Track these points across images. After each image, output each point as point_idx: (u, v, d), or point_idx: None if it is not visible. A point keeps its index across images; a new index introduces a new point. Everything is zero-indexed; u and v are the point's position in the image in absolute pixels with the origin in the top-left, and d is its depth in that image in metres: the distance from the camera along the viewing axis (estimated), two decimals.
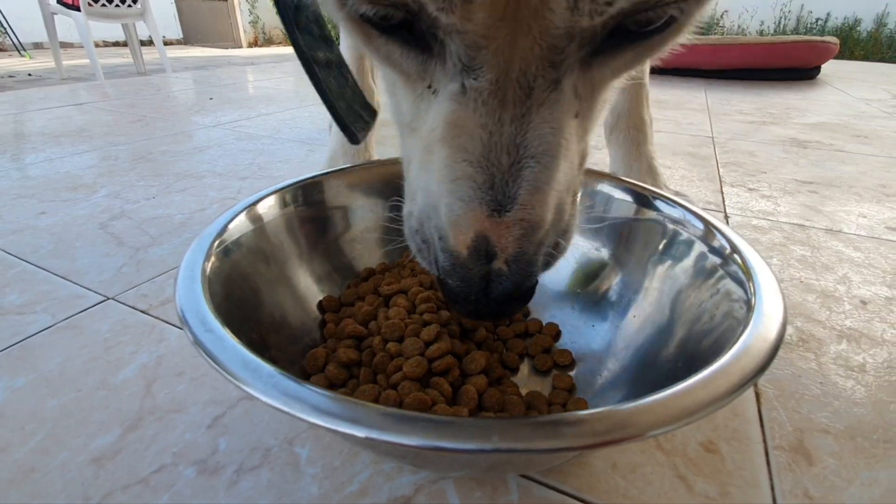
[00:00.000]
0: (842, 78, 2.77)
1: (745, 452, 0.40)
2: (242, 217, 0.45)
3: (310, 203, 0.51)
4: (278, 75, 2.69)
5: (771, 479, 0.38)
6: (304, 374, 0.41)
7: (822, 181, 1.06)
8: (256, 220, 0.46)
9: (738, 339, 0.26)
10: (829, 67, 2.90)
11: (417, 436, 0.20)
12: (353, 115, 0.44)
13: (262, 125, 1.47)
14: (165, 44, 3.17)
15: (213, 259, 0.38)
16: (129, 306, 0.57)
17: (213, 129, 1.41)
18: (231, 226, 0.43)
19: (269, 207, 0.48)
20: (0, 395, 0.44)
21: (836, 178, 1.08)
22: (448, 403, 0.36)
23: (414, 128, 0.28)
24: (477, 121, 0.24)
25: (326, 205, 0.53)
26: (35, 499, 0.35)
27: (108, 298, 0.58)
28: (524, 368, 0.45)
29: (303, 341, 0.46)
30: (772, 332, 0.26)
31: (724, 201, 0.93)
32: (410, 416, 0.20)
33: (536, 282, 0.28)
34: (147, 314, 0.56)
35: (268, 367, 0.24)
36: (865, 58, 4.08)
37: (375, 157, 0.80)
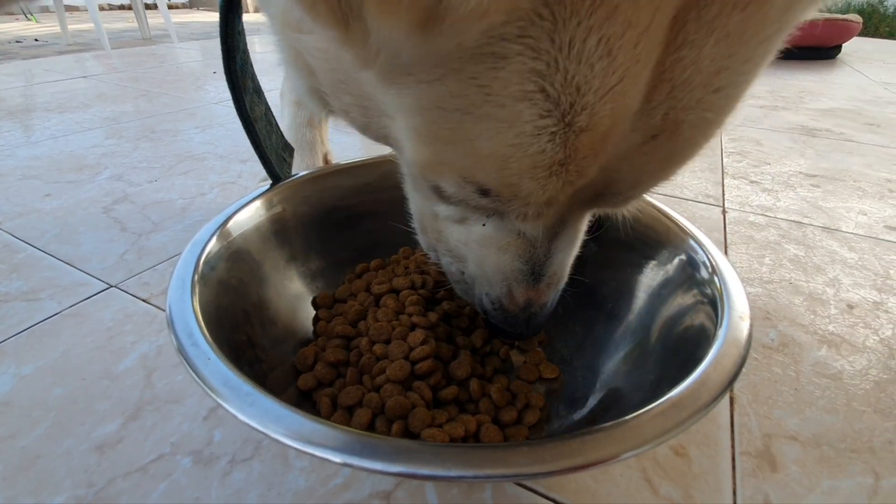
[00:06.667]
0: (862, 58, 2.68)
1: (712, 457, 0.42)
2: (235, 218, 0.46)
3: (300, 202, 0.52)
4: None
5: (734, 484, 0.40)
6: (294, 371, 0.43)
7: (826, 174, 1.05)
8: (247, 221, 0.47)
9: (698, 366, 0.27)
10: (851, 46, 2.80)
11: (383, 461, 0.21)
12: (278, 158, 0.53)
13: None
14: (170, 7, 3.11)
15: (204, 265, 0.39)
16: (131, 295, 0.59)
17: (216, 107, 1.41)
18: (224, 228, 0.44)
19: (257, 208, 0.49)
20: (9, 383, 0.47)
21: (841, 171, 1.07)
22: (428, 407, 0.38)
23: (455, 221, 0.37)
24: (527, 244, 0.34)
25: (317, 204, 0.54)
26: (41, 484, 0.38)
27: (111, 286, 0.61)
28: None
29: (296, 337, 0.48)
30: (730, 361, 0.28)
31: (723, 194, 0.93)
32: (377, 443, 0.22)
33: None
34: (148, 303, 0.58)
35: (246, 386, 0.25)
36: (890, 34, 3.92)
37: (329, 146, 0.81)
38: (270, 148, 0.52)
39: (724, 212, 0.86)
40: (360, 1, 0.18)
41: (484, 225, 0.34)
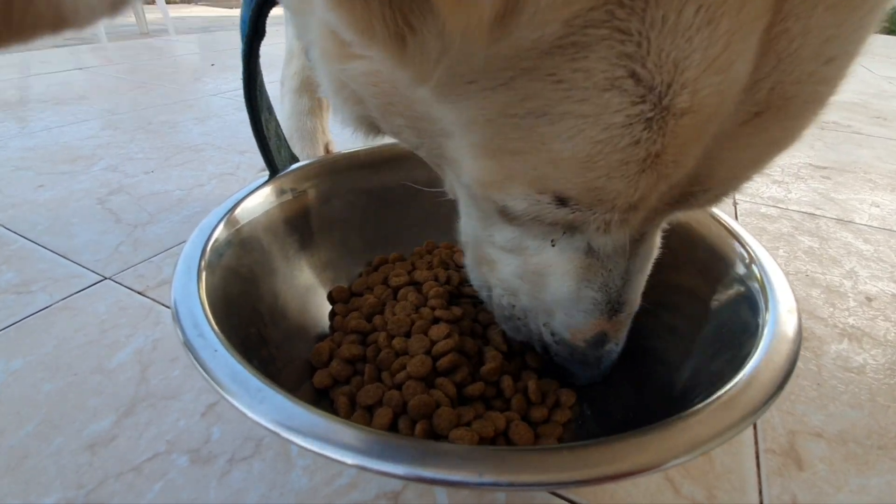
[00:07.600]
0: (864, 52, 2.66)
1: (735, 455, 0.40)
2: (244, 205, 0.44)
3: (310, 190, 0.50)
4: (280, 39, 2.62)
5: (759, 483, 0.38)
6: (309, 367, 0.41)
7: (836, 166, 1.03)
8: (257, 208, 0.45)
9: (744, 366, 0.25)
10: None
11: (403, 464, 0.19)
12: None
13: None
14: (169, 2, 3.08)
15: (211, 252, 0.37)
16: (126, 287, 0.57)
17: (214, 98, 1.38)
18: (232, 216, 0.42)
19: (266, 195, 0.46)
20: None
21: (851, 163, 1.05)
22: (453, 405, 0.36)
23: (511, 251, 0.34)
24: (599, 265, 0.31)
25: (327, 192, 0.51)
26: (29, 486, 0.36)
27: (105, 278, 0.58)
28: None
29: (308, 332, 0.45)
30: (781, 358, 0.26)
31: None
32: (396, 443, 0.20)
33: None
34: (143, 296, 0.56)
35: (256, 381, 0.23)
36: (891, 31, 3.90)
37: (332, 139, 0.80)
38: (281, 163, 0.52)
39: (734, 203, 0.84)
40: (423, 9, 0.17)
41: (553, 244, 0.31)
